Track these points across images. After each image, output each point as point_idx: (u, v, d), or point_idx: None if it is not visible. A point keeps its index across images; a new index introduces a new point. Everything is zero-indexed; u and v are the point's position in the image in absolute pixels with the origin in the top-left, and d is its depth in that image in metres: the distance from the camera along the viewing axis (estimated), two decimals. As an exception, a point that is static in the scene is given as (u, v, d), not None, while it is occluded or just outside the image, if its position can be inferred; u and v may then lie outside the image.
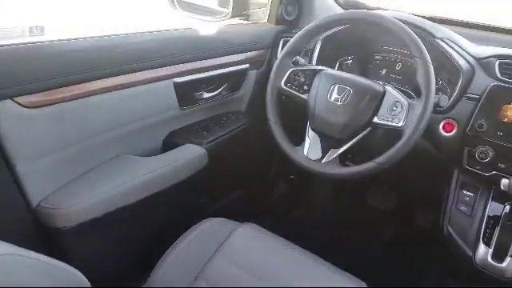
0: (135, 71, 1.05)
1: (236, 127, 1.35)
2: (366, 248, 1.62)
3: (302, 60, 1.12)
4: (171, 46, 1.13)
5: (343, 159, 1.05)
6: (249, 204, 1.62)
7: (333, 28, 1.10)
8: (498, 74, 1.04)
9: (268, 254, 0.94)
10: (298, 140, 1.07)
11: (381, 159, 0.93)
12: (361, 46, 1.30)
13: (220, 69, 1.28)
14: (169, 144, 1.21)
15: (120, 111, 1.06)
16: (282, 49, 1.18)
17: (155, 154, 1.16)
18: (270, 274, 0.88)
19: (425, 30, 1.12)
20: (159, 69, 1.11)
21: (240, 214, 1.16)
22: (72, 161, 0.99)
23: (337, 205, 1.83)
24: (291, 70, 1.08)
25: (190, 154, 1.18)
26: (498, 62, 1.05)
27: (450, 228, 1.05)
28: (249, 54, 1.37)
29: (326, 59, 1.25)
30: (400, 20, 0.98)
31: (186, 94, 1.21)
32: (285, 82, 1.08)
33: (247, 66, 1.36)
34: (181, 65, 1.16)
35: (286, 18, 1.44)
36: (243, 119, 1.40)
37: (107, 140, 1.06)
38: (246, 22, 1.47)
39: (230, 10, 1.36)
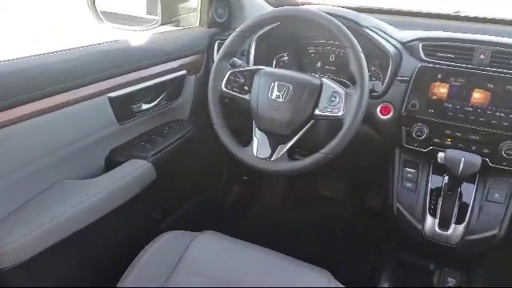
0: (65, 91, 0.98)
1: (181, 136, 1.31)
2: (325, 237, 1.66)
3: (239, 61, 1.12)
4: (101, 60, 1.08)
5: (292, 154, 1.07)
6: (205, 211, 1.59)
7: (265, 27, 1.11)
8: (423, 56, 1.11)
9: (230, 259, 0.93)
10: (247, 141, 1.07)
11: (327, 149, 0.95)
12: (294, 41, 1.33)
13: (156, 78, 1.24)
14: (111, 162, 1.15)
15: (54, 135, 0.99)
16: (218, 51, 1.17)
17: (98, 175, 1.10)
18: (235, 278, 0.87)
19: (352, 20, 1.16)
20: (91, 85, 1.05)
21: (197, 223, 1.14)
22: (3, 195, 0.90)
23: (290, 199, 1.85)
24: (230, 72, 1.07)
25: (136, 170, 1.13)
26: (421, 45, 1.12)
27: (398, 205, 1.11)
28: (185, 60, 1.34)
29: (262, 58, 1.26)
30: (328, 13, 1.00)
31: (123, 108, 1.15)
32: (225, 84, 1.07)
33: (184, 72, 1.33)
34: (114, 79, 1.10)
35: (218, 20, 1.43)
36: (187, 127, 1.37)
37: (43, 167, 0.98)
38: (177, 27, 1.45)
39: (158, 17, 1.33)
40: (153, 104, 1.27)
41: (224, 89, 1.07)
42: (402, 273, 1.21)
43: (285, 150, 1.01)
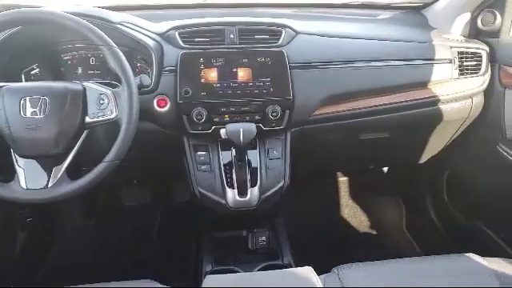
0: None
1: None
2: (142, 245, 1.59)
3: None
4: None
5: (77, 172, 0.95)
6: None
7: None
8: (182, 43, 1.14)
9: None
10: (9, 175, 0.88)
11: (110, 156, 0.90)
12: (42, 50, 1.17)
13: None
14: None
15: None
16: None
17: None
18: None
19: (101, 18, 1.10)
20: None
21: None
22: None
23: (94, 221, 1.68)
24: None
25: None
26: (177, 33, 1.16)
27: (200, 189, 1.14)
28: None
29: (5, 75, 1.06)
30: (72, 13, 0.92)
31: None
32: None
33: None
34: None
35: None
36: None
37: None
38: None
39: None
40: None
41: None
42: (221, 250, 1.26)
43: (62, 170, 0.89)
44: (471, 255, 0.93)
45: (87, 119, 0.90)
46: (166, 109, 1.11)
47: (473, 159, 1.47)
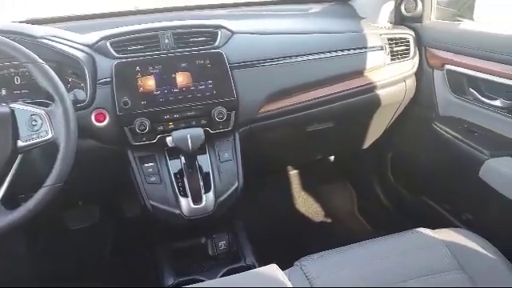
0: None
1: None
2: (96, 266, 1.51)
3: None
4: None
5: (15, 202, 0.87)
6: None
7: None
8: (114, 53, 1.09)
9: None
10: None
11: (51, 180, 0.83)
12: None
13: None
14: None
15: None
16: None
17: None
18: None
19: (21, 33, 1.02)
20: None
21: None
22: None
23: (38, 250, 1.56)
24: None
25: None
26: (108, 43, 1.10)
27: (151, 202, 1.10)
28: None
29: None
30: None
31: None
32: None
33: None
34: None
35: None
36: None
37: None
38: None
39: None
40: None
41: None
42: (181, 261, 1.22)
43: None
44: (422, 229, 0.98)
45: (20, 143, 0.83)
46: (105, 123, 1.06)
47: (412, 139, 1.56)
